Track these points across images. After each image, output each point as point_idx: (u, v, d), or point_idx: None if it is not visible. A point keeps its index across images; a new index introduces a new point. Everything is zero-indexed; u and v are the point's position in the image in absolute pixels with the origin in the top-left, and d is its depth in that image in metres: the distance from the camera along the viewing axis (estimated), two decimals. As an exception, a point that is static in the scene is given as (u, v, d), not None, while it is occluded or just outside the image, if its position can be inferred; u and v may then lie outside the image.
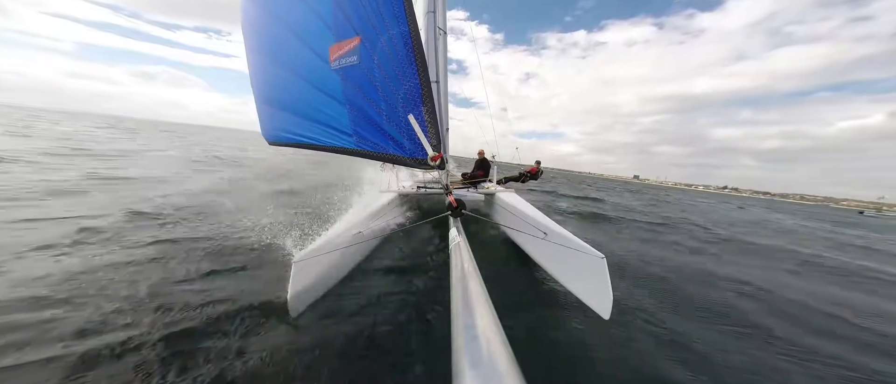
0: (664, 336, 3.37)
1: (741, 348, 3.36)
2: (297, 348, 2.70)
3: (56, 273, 3.34)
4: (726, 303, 4.47)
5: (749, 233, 12.23)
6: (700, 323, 3.82)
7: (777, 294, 5.14)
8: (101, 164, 10.31)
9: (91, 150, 13.47)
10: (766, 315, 4.27)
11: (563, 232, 3.69)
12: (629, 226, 10.23)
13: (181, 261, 3.89)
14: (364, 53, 2.80)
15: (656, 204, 21.52)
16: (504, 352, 1.12)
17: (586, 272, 3.14)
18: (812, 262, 8.06)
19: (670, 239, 8.90)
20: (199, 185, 8.67)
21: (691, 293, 4.66)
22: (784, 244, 10.69)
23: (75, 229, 4.51)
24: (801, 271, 7.04)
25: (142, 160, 12.63)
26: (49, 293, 3.00)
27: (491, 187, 6.76)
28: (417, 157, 2.83)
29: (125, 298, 3.03)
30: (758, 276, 5.99)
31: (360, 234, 3.78)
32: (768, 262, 7.51)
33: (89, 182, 7.67)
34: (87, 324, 2.64)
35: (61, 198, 6.02)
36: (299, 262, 2.82)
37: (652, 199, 26.05)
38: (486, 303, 1.51)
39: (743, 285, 5.34)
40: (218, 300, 3.12)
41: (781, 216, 26.00)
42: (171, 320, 2.78)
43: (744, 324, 3.94)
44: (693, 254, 7.45)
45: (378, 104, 2.87)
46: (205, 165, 13.51)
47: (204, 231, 4.96)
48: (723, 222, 15.21)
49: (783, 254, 8.91)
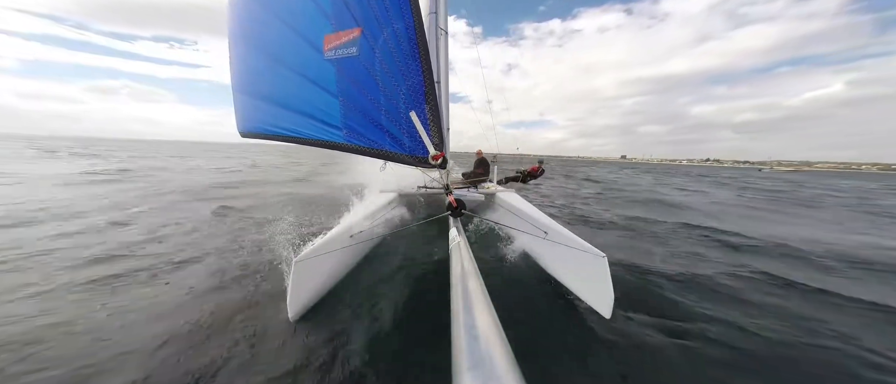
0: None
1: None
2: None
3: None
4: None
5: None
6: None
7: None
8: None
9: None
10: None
11: (563, 231, 3.68)
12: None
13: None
14: (364, 45, 2.71)
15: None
16: (504, 352, 1.11)
17: (587, 271, 3.13)
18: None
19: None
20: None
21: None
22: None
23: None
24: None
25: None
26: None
27: (491, 187, 6.75)
28: (418, 155, 2.75)
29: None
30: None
31: (360, 235, 3.77)
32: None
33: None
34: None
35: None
36: (299, 263, 2.81)
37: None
38: (486, 303, 1.50)
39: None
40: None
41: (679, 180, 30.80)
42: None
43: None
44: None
45: (377, 99, 2.76)
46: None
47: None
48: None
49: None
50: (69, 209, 7.40)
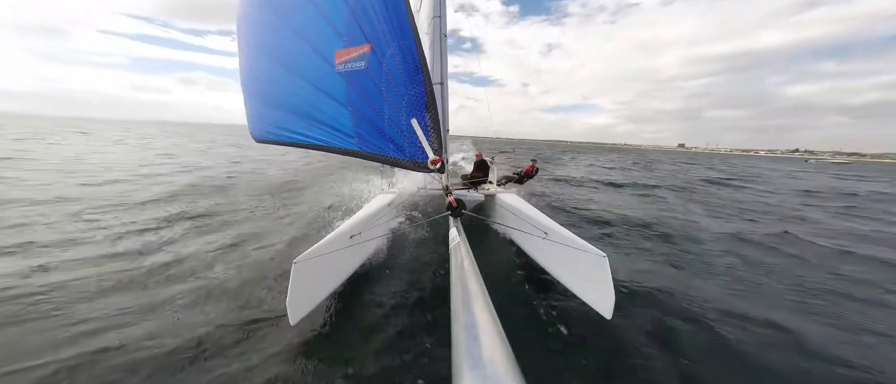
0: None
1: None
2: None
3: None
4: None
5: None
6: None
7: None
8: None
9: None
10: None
11: (563, 231, 3.69)
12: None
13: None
14: (372, 60, 2.91)
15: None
16: (504, 352, 1.12)
17: (588, 271, 3.13)
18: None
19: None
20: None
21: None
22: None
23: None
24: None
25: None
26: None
27: (491, 188, 6.77)
28: (417, 160, 2.86)
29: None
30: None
31: (360, 236, 3.79)
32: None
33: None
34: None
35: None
36: (299, 264, 2.82)
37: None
38: (486, 303, 1.51)
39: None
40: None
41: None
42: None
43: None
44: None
45: (381, 108, 2.94)
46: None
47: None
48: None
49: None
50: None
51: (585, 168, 24.03)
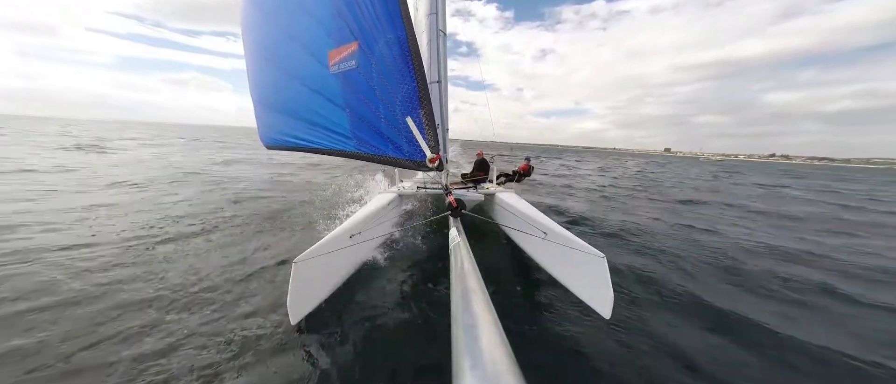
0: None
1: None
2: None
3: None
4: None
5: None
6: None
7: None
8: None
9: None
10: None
11: (563, 232, 3.69)
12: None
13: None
14: (362, 58, 2.84)
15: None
16: (504, 352, 1.11)
17: (587, 271, 3.13)
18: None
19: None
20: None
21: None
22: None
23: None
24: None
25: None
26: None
27: (491, 187, 6.75)
28: (416, 159, 2.84)
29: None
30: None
31: (361, 235, 3.78)
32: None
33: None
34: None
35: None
36: (299, 264, 2.80)
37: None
38: (486, 302, 1.50)
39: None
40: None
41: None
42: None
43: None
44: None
45: (376, 108, 2.89)
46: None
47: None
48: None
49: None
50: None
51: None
